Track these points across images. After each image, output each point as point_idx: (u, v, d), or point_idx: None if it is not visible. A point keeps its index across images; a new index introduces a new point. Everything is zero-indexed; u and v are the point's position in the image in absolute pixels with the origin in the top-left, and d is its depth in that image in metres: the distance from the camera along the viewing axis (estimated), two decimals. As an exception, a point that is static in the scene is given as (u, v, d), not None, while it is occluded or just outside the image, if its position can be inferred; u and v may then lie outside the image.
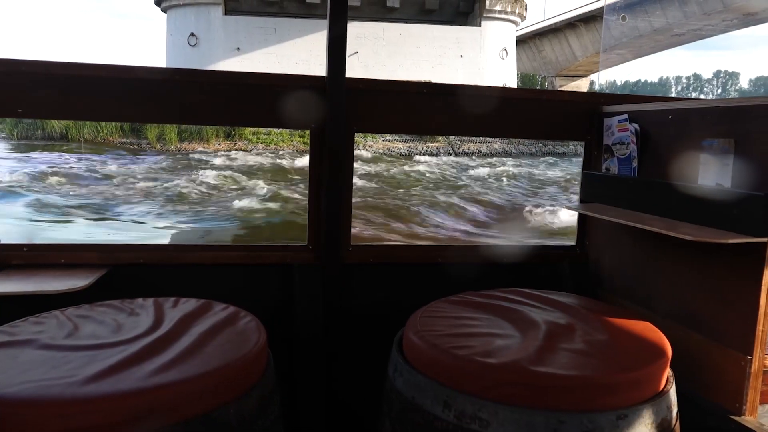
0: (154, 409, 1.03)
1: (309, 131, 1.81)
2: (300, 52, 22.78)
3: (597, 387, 1.14)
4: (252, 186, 13.41)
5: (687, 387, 1.47)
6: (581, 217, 2.04)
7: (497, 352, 1.23)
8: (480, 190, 13.98)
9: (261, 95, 1.77)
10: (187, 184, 13.28)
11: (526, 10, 26.90)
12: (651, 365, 1.20)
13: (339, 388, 1.80)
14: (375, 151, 22.50)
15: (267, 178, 14.58)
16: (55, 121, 21.90)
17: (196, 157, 19.00)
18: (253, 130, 22.25)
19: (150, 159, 18.16)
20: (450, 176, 16.37)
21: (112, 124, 21.54)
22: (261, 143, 22.05)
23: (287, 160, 18.45)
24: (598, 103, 1.96)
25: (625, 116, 1.82)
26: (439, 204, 11.98)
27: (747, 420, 1.37)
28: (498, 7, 25.87)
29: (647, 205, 1.69)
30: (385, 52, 25.06)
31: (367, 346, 1.67)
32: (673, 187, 1.60)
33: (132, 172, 15.18)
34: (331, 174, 1.79)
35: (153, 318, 1.34)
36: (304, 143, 20.55)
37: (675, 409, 1.25)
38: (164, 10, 25.73)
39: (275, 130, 22.33)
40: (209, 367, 1.11)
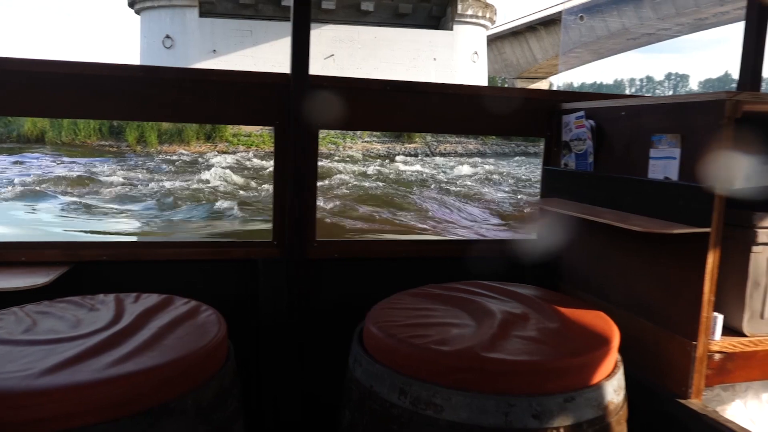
0: (111, 400, 1.04)
1: (273, 128, 1.83)
2: (277, 55, 22.76)
3: (546, 371, 1.18)
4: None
5: (637, 372, 1.53)
6: (542, 212, 2.09)
7: (452, 341, 1.26)
8: (476, 186, 14.49)
9: (224, 92, 1.78)
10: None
11: (495, 14, 27.91)
12: (598, 351, 1.25)
13: (303, 380, 1.83)
14: (354, 152, 22.73)
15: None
16: (31, 123, 21.57)
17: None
18: (233, 132, 22.22)
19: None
20: (444, 175, 16.94)
21: (90, 126, 21.29)
22: (242, 145, 21.97)
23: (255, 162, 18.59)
24: (558, 100, 2.02)
25: (582, 113, 1.87)
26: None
27: (692, 402, 1.43)
28: (470, 12, 26.81)
29: (602, 198, 1.74)
30: (360, 55, 25.34)
31: (331, 339, 1.70)
32: (625, 181, 1.66)
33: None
34: (296, 170, 1.81)
35: (113, 313, 1.35)
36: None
37: (623, 392, 1.30)
38: (138, 12, 25.46)
39: (255, 132, 22.32)
40: (166, 358, 1.12)
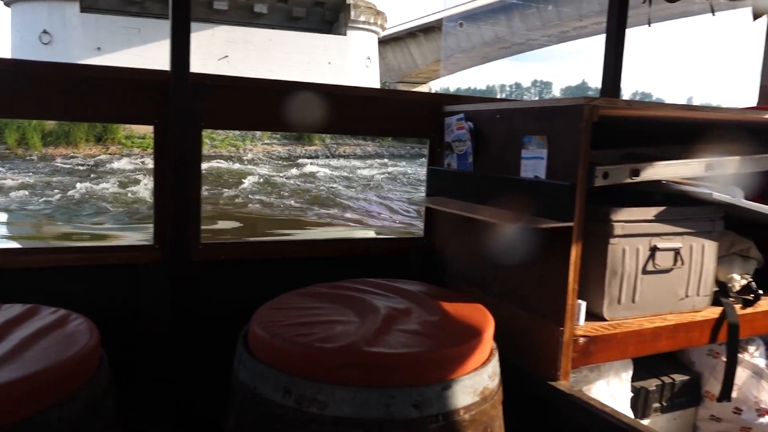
0: None
1: (153, 127, 1.76)
2: (167, 54, 21.90)
3: (425, 362, 1.23)
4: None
5: (513, 358, 1.63)
6: (428, 210, 2.17)
7: (336, 338, 1.28)
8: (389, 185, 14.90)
9: (99, 89, 1.69)
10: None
11: (386, 21, 28.99)
12: (474, 340, 1.32)
13: (188, 387, 1.77)
14: (254, 154, 22.51)
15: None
16: None
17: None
18: (126, 134, 21.06)
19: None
20: (359, 176, 17.62)
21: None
22: (136, 147, 20.85)
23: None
24: (441, 103, 2.10)
25: (462, 115, 1.97)
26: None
27: (561, 384, 1.54)
28: (362, 18, 27.75)
29: (481, 196, 1.84)
30: (255, 57, 25.12)
31: (218, 345, 1.66)
32: (500, 179, 1.77)
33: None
34: (177, 171, 1.75)
35: None
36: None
37: (498, 378, 1.38)
38: (7, 4, 23.40)
39: (150, 134, 21.27)
40: (27, 371, 1.05)
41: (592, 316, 1.65)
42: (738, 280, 1.87)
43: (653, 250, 1.66)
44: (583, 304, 1.59)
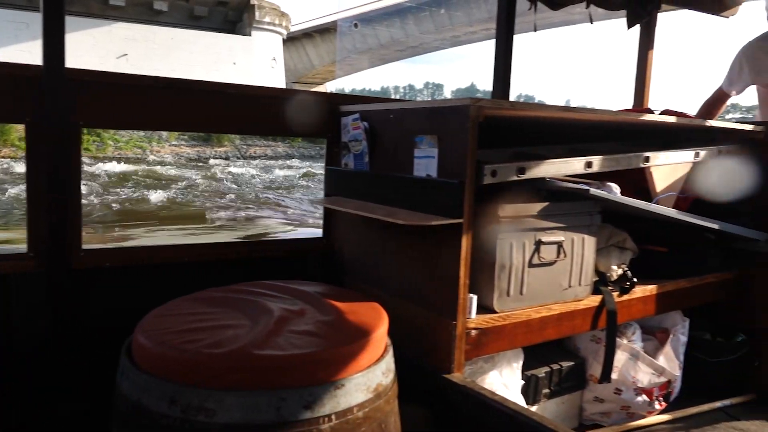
0: None
1: (24, 126, 1.63)
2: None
3: (317, 362, 1.22)
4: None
5: (409, 353, 1.66)
6: (326, 210, 2.17)
7: (225, 342, 1.24)
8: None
9: None
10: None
11: (290, 23, 28.92)
12: (367, 338, 1.33)
13: (70, 406, 1.66)
14: (162, 156, 21.84)
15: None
16: None
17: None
18: (20, 136, 19.47)
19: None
20: (283, 176, 18.05)
21: None
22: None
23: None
24: (336, 103, 2.10)
25: (357, 115, 1.98)
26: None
27: (455, 376, 1.59)
28: (267, 19, 27.70)
29: (377, 195, 1.86)
30: (157, 57, 24.13)
31: (103, 358, 1.56)
32: (395, 178, 1.79)
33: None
34: (53, 173, 1.63)
35: None
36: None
37: (392, 374, 1.39)
38: None
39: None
40: None
41: (483, 308, 1.71)
42: (615, 270, 2.01)
43: (538, 244, 1.75)
44: (474, 298, 1.65)
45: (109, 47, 23.01)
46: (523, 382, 1.92)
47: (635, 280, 2.01)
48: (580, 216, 1.85)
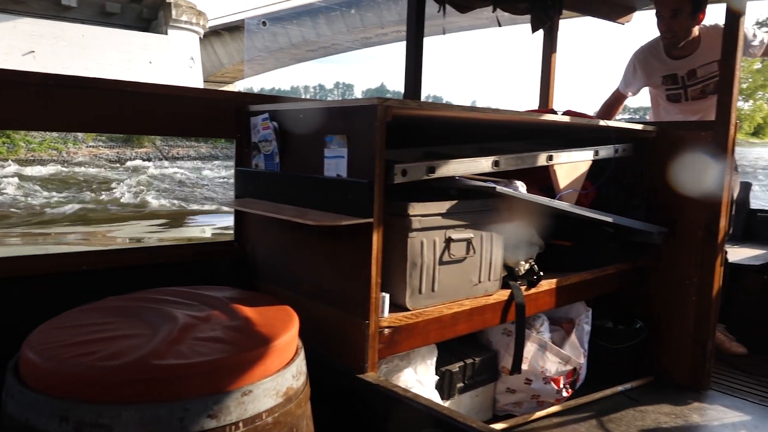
0: None
1: None
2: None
3: (222, 369, 1.18)
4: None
5: (323, 355, 1.64)
6: (237, 212, 2.11)
7: (122, 354, 1.18)
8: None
9: None
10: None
11: (207, 22, 28.36)
12: (276, 341, 1.30)
13: None
14: (80, 158, 21.07)
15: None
16: None
17: None
18: None
19: None
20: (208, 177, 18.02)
21: None
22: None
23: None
24: (246, 102, 2.05)
25: (267, 115, 1.94)
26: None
27: (368, 375, 1.59)
28: (184, 18, 26.96)
29: (288, 196, 1.83)
30: (67, 54, 22.87)
31: None
32: (306, 179, 1.77)
33: None
34: None
35: None
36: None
37: (303, 377, 1.37)
38: None
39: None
40: None
41: (396, 306, 1.72)
42: (523, 264, 2.09)
43: (448, 241, 1.79)
44: (387, 297, 1.66)
45: (14, 43, 21.53)
46: (438, 378, 1.95)
47: (542, 273, 2.10)
48: (488, 213, 1.91)
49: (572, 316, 2.40)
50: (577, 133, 2.52)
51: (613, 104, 3.22)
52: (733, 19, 2.25)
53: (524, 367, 2.12)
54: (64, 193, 15.02)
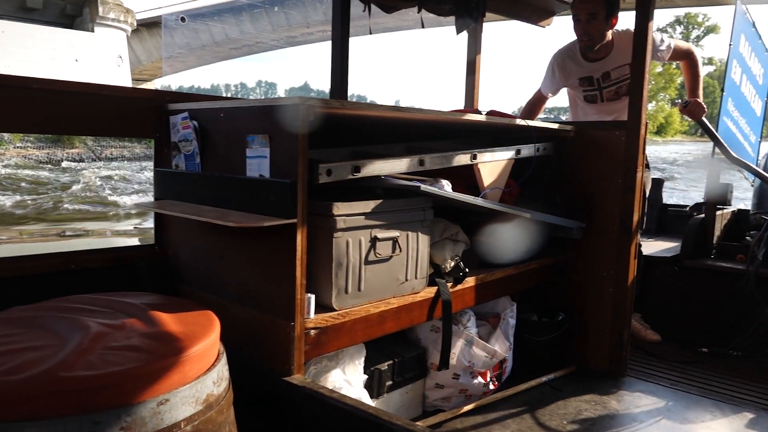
0: None
1: None
2: None
3: (135, 379, 1.14)
4: None
5: (248, 359, 1.61)
6: (157, 215, 2.04)
7: (26, 367, 1.11)
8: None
9: None
10: None
11: (135, 19, 27.56)
12: (194, 347, 1.26)
13: None
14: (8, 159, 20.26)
15: None
16: None
17: None
18: None
19: None
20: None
21: None
22: None
23: None
24: (165, 101, 1.99)
25: (186, 114, 1.88)
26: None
27: (295, 378, 1.57)
28: (111, 15, 26.29)
29: (210, 198, 1.78)
30: (-17, 51, 21.46)
31: None
32: (227, 179, 1.73)
33: None
34: None
35: None
36: None
37: (225, 383, 1.34)
38: None
39: None
40: None
41: (322, 307, 1.72)
42: (449, 262, 2.12)
43: (374, 240, 1.79)
44: (312, 298, 1.65)
45: None
46: (367, 377, 1.95)
47: (467, 270, 2.14)
48: (414, 212, 1.93)
49: (498, 311, 2.46)
50: (501, 133, 2.59)
51: (536, 104, 3.33)
52: (643, 24, 2.38)
53: (452, 362, 2.15)
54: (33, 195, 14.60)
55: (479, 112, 2.73)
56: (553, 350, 2.59)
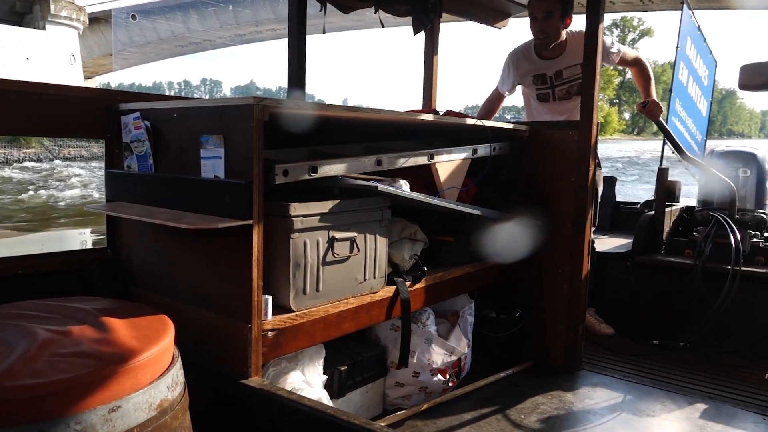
0: None
1: None
2: None
3: (85, 386, 1.11)
4: None
5: (205, 362, 1.59)
6: (110, 218, 1.99)
7: None
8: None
9: None
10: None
11: (87, 17, 27.08)
12: (147, 352, 1.23)
13: None
14: None
15: None
16: None
17: None
18: None
19: None
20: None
21: None
22: None
23: None
24: (116, 100, 1.94)
25: (138, 114, 1.84)
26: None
27: (252, 380, 1.56)
28: (64, 13, 25.72)
29: (164, 199, 1.75)
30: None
31: None
32: (181, 180, 1.70)
33: None
34: None
35: None
36: None
37: (180, 387, 1.32)
38: None
39: None
40: None
41: (280, 308, 1.70)
42: (408, 261, 2.14)
43: (332, 241, 1.79)
44: (270, 299, 1.63)
45: None
46: (327, 377, 1.95)
47: (426, 269, 2.16)
48: (372, 211, 1.93)
49: (457, 309, 2.49)
50: (459, 133, 2.62)
51: (494, 102, 3.39)
52: (593, 25, 2.44)
53: (412, 360, 2.17)
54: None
55: (437, 112, 2.76)
56: (511, 346, 2.64)
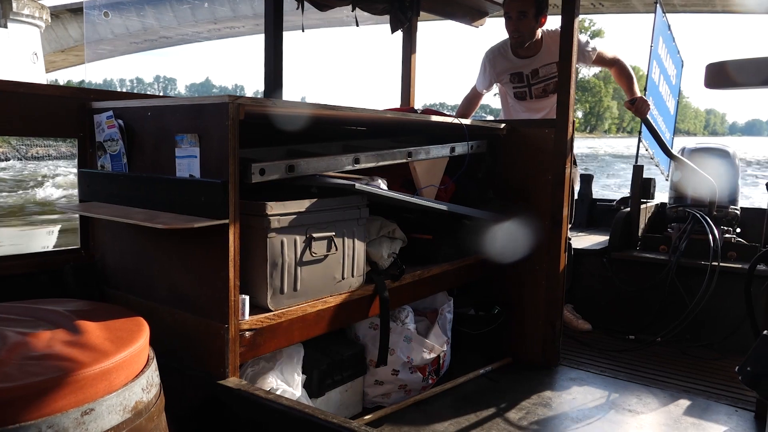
0: None
1: None
2: None
3: (57, 389, 1.09)
4: None
5: (181, 363, 1.57)
6: (83, 218, 1.96)
7: None
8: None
9: None
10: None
11: (49, 15, 27.02)
12: (120, 354, 1.22)
13: None
14: None
15: None
16: None
17: None
18: None
19: None
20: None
21: None
22: None
23: None
24: (88, 99, 1.91)
25: (111, 113, 1.81)
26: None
27: (230, 381, 1.55)
28: (26, 11, 25.42)
29: (138, 199, 1.72)
30: None
31: None
32: (156, 180, 1.68)
33: None
34: None
35: None
36: None
37: (156, 389, 1.30)
38: None
39: None
40: None
41: (258, 308, 1.69)
42: (386, 259, 2.14)
43: (309, 240, 1.78)
44: (247, 299, 1.62)
45: None
46: (306, 377, 1.94)
47: (404, 267, 2.16)
48: (349, 210, 1.93)
49: (436, 306, 2.50)
50: (437, 131, 2.63)
51: (472, 100, 3.40)
52: (568, 24, 2.46)
53: (391, 358, 2.17)
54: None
55: (415, 111, 2.76)
56: (490, 343, 2.66)
